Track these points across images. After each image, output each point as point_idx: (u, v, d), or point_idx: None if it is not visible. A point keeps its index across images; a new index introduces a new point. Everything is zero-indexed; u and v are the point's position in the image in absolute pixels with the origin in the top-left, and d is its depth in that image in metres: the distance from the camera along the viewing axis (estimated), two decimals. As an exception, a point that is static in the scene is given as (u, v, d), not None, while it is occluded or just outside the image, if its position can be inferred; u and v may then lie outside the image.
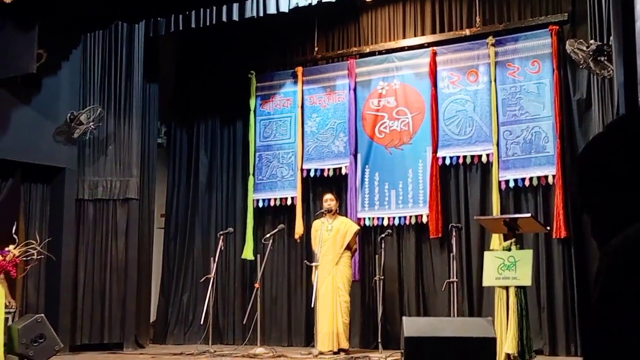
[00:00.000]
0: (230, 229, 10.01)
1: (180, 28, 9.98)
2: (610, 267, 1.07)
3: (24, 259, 8.47)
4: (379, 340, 8.69)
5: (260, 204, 10.53)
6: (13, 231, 8.58)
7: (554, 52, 9.01)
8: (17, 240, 8.48)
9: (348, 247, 8.95)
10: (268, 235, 9.34)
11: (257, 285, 9.22)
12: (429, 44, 9.86)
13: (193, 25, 9.82)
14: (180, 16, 9.92)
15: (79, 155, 9.82)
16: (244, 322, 9.46)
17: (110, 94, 10.10)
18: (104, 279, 9.83)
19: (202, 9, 9.74)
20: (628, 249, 1.06)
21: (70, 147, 9.69)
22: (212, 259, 9.43)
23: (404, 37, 10.11)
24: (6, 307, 8.17)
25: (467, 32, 9.65)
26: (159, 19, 10.11)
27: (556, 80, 8.97)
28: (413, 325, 6.97)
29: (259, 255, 9.48)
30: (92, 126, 9.63)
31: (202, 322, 9.23)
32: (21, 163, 9.23)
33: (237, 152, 10.94)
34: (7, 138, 9.06)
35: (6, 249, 8.22)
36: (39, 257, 8.57)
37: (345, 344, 8.71)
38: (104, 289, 9.81)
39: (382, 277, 8.89)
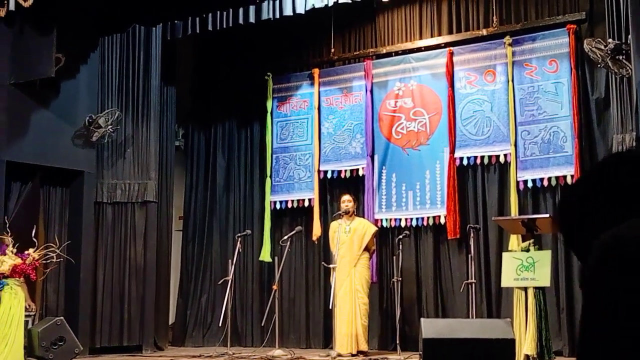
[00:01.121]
0: (248, 231, 10.03)
1: (197, 31, 10.01)
2: (597, 262, 1.08)
3: (44, 262, 8.52)
4: (397, 342, 8.67)
5: (278, 206, 10.54)
6: (33, 234, 8.64)
7: (572, 51, 8.96)
8: (36, 244, 8.53)
9: (366, 249, 8.94)
10: (286, 237, 9.34)
11: (275, 287, 9.23)
12: (446, 44, 9.83)
13: (210, 28, 9.85)
14: (197, 19, 9.95)
15: (98, 158, 9.87)
16: (262, 324, 9.48)
17: (128, 97, 10.15)
18: (122, 281, 9.87)
19: (218, 12, 9.76)
20: (615, 243, 1.07)
21: (88, 150, 9.74)
22: (230, 261, 9.45)
23: (421, 37, 10.09)
24: (26, 310, 8.23)
25: (484, 32, 9.61)
26: (176, 22, 10.15)
27: (574, 79, 8.91)
28: (431, 327, 6.96)
29: (276, 257, 9.48)
30: (110, 129, 9.68)
31: (220, 325, 9.25)
32: (40, 166, 9.28)
33: (254, 154, 10.96)
34: (26, 142, 9.12)
35: (26, 252, 8.28)
36: (58, 260, 8.62)
37: (364, 346, 8.69)
38: (123, 291, 9.85)
39: (400, 279, 8.87)
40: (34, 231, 8.69)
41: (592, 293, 1.10)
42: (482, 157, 9.36)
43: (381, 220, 9.76)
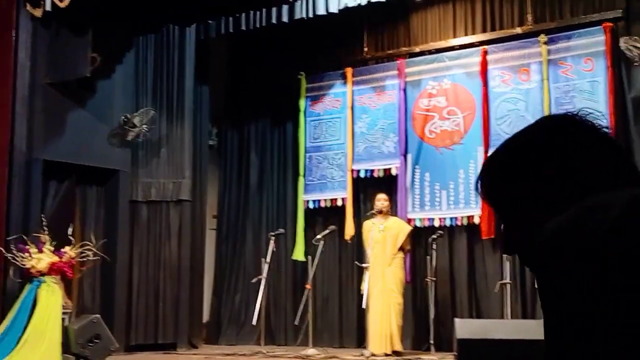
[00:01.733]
0: (281, 230, 10.06)
1: (231, 30, 10.07)
2: (544, 249, 1.08)
3: (80, 260, 8.62)
4: (431, 342, 8.65)
5: (311, 205, 10.55)
6: (69, 233, 8.75)
7: (608, 49, 8.86)
8: (73, 242, 8.64)
9: (401, 249, 8.92)
10: (319, 236, 9.35)
11: (308, 286, 9.24)
12: (480, 43, 9.78)
13: (243, 28, 9.90)
14: (231, 19, 10.01)
15: (133, 157, 9.96)
16: (296, 323, 9.49)
17: (162, 96, 10.22)
18: (157, 279, 9.95)
19: (252, 11, 9.80)
20: (559, 230, 1.07)
21: (123, 150, 9.83)
22: (263, 259, 9.49)
23: (455, 36, 10.04)
24: (63, 307, 8.34)
25: (519, 30, 9.55)
26: (209, 21, 10.22)
27: (610, 78, 8.81)
28: (466, 327, 6.93)
29: (309, 257, 9.50)
30: (145, 128, 9.76)
31: (254, 323, 9.28)
32: (76, 165, 9.38)
33: (288, 153, 10.99)
34: (62, 141, 9.23)
35: (62, 250, 8.39)
36: (94, 258, 8.71)
37: (399, 346, 8.68)
38: (158, 289, 9.93)
39: (434, 279, 8.85)
40: (70, 229, 8.81)
41: (540, 280, 1.10)
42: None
43: (414, 220, 9.73)
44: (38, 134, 8.99)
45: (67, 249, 8.43)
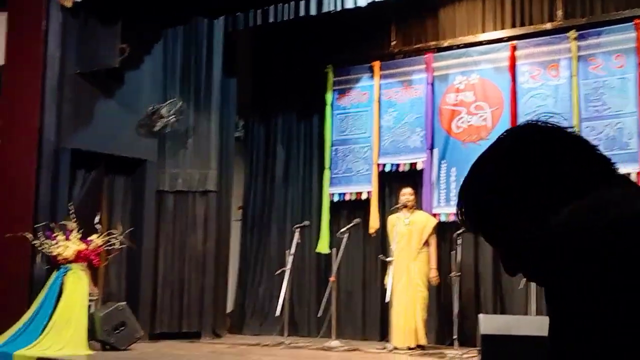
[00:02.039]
0: (307, 222, 10.08)
1: (259, 23, 10.09)
2: (545, 250, 1.09)
3: (106, 248, 8.70)
4: (455, 337, 8.63)
5: (336, 198, 10.56)
6: (96, 221, 8.83)
7: (639, 46, 8.77)
8: (99, 230, 8.72)
9: (426, 243, 8.91)
10: (344, 229, 9.36)
11: (332, 278, 9.26)
12: (509, 38, 9.71)
13: (271, 20, 9.92)
14: (259, 11, 10.02)
15: (160, 147, 10.02)
16: (319, 315, 9.52)
17: (190, 87, 10.28)
18: (182, 269, 10.02)
19: (280, 4, 9.81)
20: (559, 231, 1.08)
21: (151, 140, 9.90)
22: (287, 251, 9.51)
23: (483, 31, 9.99)
24: (89, 295, 8.42)
25: (548, 25, 9.47)
26: (237, 14, 10.24)
27: (641, 75, 8.73)
28: (490, 323, 6.90)
29: (334, 249, 9.51)
30: (172, 119, 9.82)
31: (277, 314, 9.32)
32: (104, 155, 9.46)
33: (314, 145, 11.00)
34: (91, 130, 9.31)
35: (89, 238, 8.48)
36: (120, 246, 8.79)
37: (423, 340, 8.68)
38: (183, 278, 10.00)
39: (459, 274, 8.82)
40: (97, 218, 8.90)
41: (546, 279, 1.10)
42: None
43: (439, 214, 9.70)
44: (67, 123, 9.07)
45: (94, 237, 8.52)
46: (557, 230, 1.08)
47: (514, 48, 9.57)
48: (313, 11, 9.58)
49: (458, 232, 9.06)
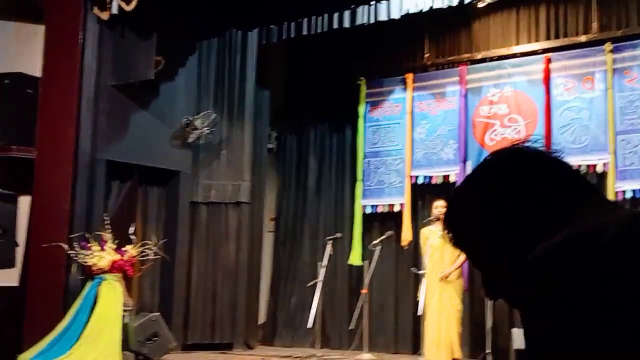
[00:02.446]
0: (339, 234, 10.07)
1: (292, 35, 10.12)
2: (536, 273, 1.08)
3: (141, 259, 8.76)
4: (488, 351, 8.56)
5: (368, 210, 10.54)
6: (131, 232, 8.89)
7: (676, 58, 8.68)
8: (134, 241, 8.78)
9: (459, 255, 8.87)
10: (376, 242, 9.35)
11: (364, 291, 9.24)
12: (543, 50, 9.66)
13: (305, 33, 9.94)
14: (292, 24, 10.06)
15: (194, 159, 10.10)
16: (351, 328, 9.50)
17: (223, 99, 10.35)
18: (215, 280, 10.07)
19: (313, 17, 9.85)
20: (553, 253, 1.08)
21: (185, 151, 9.97)
22: (319, 263, 9.51)
23: (517, 43, 9.94)
24: (123, 305, 8.47)
25: (583, 38, 9.41)
26: (271, 26, 10.29)
27: (678, 88, 8.63)
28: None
29: (366, 261, 9.49)
30: (206, 131, 9.89)
31: (309, 326, 9.31)
32: (139, 166, 9.54)
33: (346, 157, 11.01)
34: (126, 141, 9.39)
35: (124, 248, 8.54)
36: (154, 257, 8.84)
37: (458, 354, 8.60)
38: (216, 289, 10.04)
39: (492, 287, 8.73)
40: (132, 228, 8.96)
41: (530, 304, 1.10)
42: (579, 166, 9.14)
43: (473, 227, 9.62)
44: (102, 134, 9.15)
45: (128, 247, 8.57)
46: (551, 251, 1.08)
47: (549, 60, 9.51)
48: (346, 24, 9.60)
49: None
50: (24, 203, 8.75)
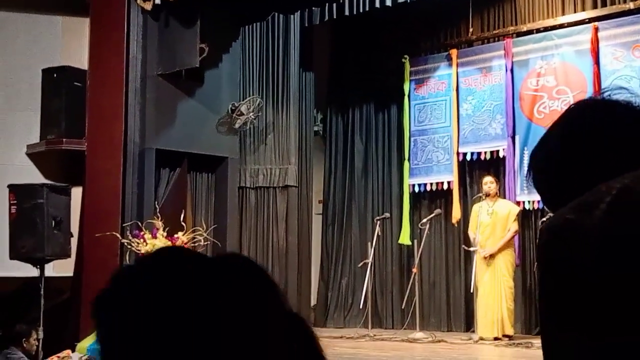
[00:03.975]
0: (387, 214, 10.07)
1: (335, 17, 10.09)
2: (538, 250, 1.12)
3: (192, 245, 8.87)
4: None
5: (417, 189, 10.50)
6: (181, 219, 9.01)
7: None
8: (185, 228, 8.89)
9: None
10: (425, 220, 9.33)
11: (415, 270, 9.23)
12: (590, 20, 9.45)
13: (347, 13, 9.89)
14: (334, 4, 10.02)
15: (241, 144, 10.17)
16: (403, 307, 9.50)
17: (268, 84, 10.39)
18: (266, 264, 10.15)
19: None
20: (548, 234, 1.10)
21: (232, 137, 10.04)
22: (369, 244, 9.52)
23: (563, 13, 9.74)
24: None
25: (631, 5, 9.17)
26: (313, 8, 10.27)
27: None
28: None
29: (415, 240, 9.47)
30: (252, 116, 9.94)
31: (361, 307, 9.35)
32: (187, 153, 9.64)
33: (392, 137, 10.97)
34: (174, 130, 9.50)
35: (175, 235, 8.65)
36: (205, 243, 8.95)
37: (510, 330, 8.57)
38: (267, 273, 10.12)
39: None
40: (182, 215, 9.07)
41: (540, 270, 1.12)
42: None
43: (523, 202, 9.53)
44: (150, 124, 9.27)
45: (179, 234, 8.68)
46: (548, 231, 1.11)
47: (596, 29, 9.31)
48: (388, 2, 9.51)
49: (543, 219, 8.89)
50: (76, 194, 8.93)
